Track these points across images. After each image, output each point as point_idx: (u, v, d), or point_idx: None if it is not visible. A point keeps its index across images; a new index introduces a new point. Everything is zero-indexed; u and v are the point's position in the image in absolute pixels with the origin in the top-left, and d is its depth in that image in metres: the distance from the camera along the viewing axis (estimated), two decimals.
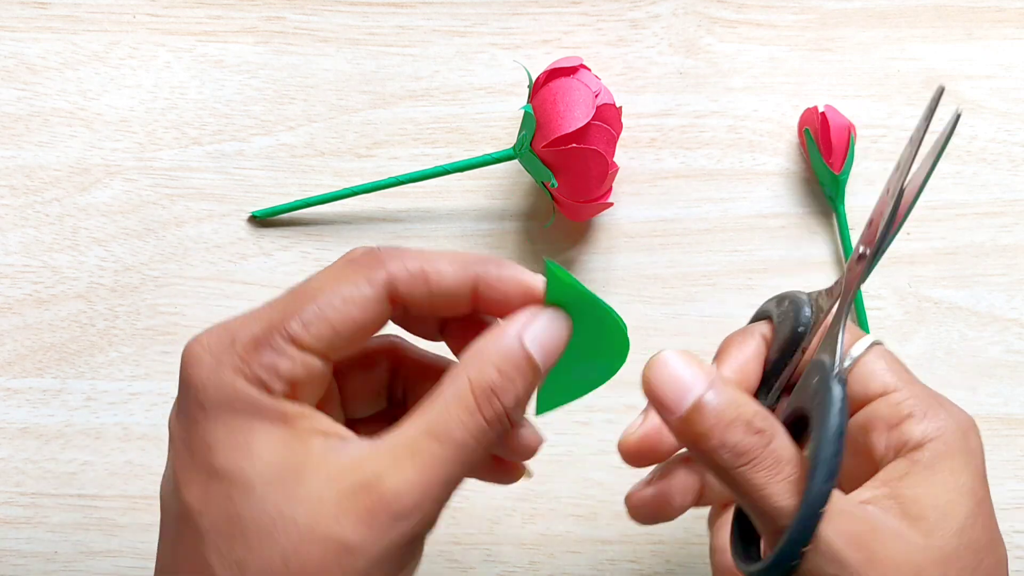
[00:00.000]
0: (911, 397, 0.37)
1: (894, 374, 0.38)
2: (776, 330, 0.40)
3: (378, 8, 0.58)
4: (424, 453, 0.32)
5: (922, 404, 0.36)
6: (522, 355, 0.33)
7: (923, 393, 0.37)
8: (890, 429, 0.37)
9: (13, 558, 0.54)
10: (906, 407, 0.36)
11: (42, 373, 0.55)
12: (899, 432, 0.36)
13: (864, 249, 0.37)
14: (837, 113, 0.54)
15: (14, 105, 0.57)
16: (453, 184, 0.57)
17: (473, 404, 0.33)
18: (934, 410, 0.37)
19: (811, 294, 0.40)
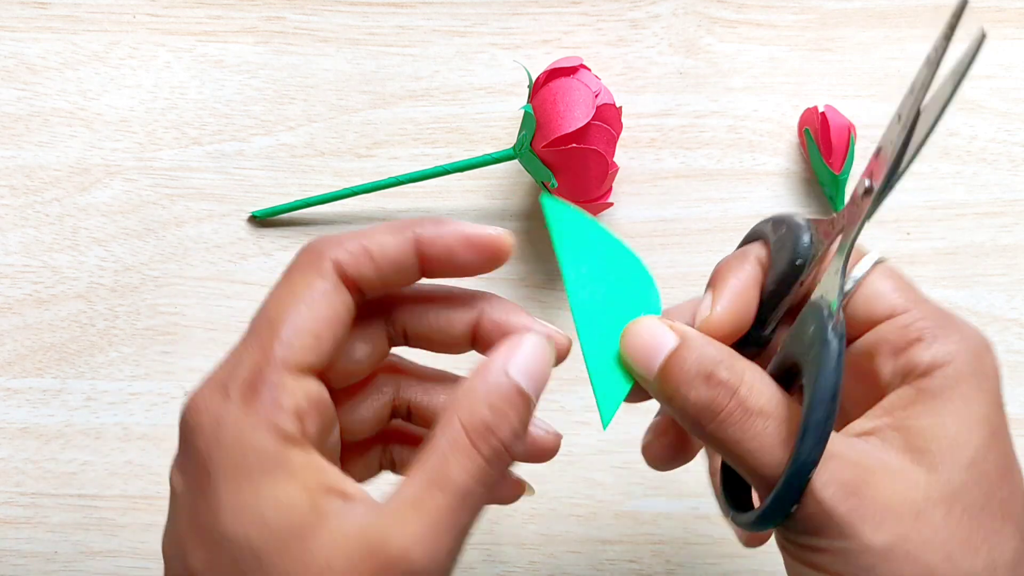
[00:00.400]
0: (920, 319, 0.34)
1: (901, 294, 0.35)
2: (773, 258, 0.37)
3: (378, 8, 0.58)
4: (428, 505, 0.31)
5: (932, 326, 0.34)
6: (511, 387, 0.32)
7: (934, 314, 0.34)
8: (897, 354, 0.34)
9: (13, 558, 0.54)
10: (914, 330, 0.34)
11: (42, 373, 0.55)
12: (907, 357, 0.34)
13: (870, 183, 0.34)
14: (837, 113, 0.54)
15: (14, 105, 0.57)
16: (453, 184, 0.57)
17: (469, 446, 0.32)
18: (945, 332, 0.34)
19: (809, 220, 0.36)
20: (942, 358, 0.33)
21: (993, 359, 0.34)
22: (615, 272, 0.37)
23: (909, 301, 0.35)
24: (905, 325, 0.34)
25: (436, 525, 0.31)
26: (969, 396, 0.33)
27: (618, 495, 0.54)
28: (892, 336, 0.34)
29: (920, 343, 0.34)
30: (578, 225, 0.37)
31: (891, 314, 0.34)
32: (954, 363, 0.33)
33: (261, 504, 0.30)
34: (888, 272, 0.36)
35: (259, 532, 0.30)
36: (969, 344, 0.34)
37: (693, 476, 0.55)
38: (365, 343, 0.36)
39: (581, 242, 0.37)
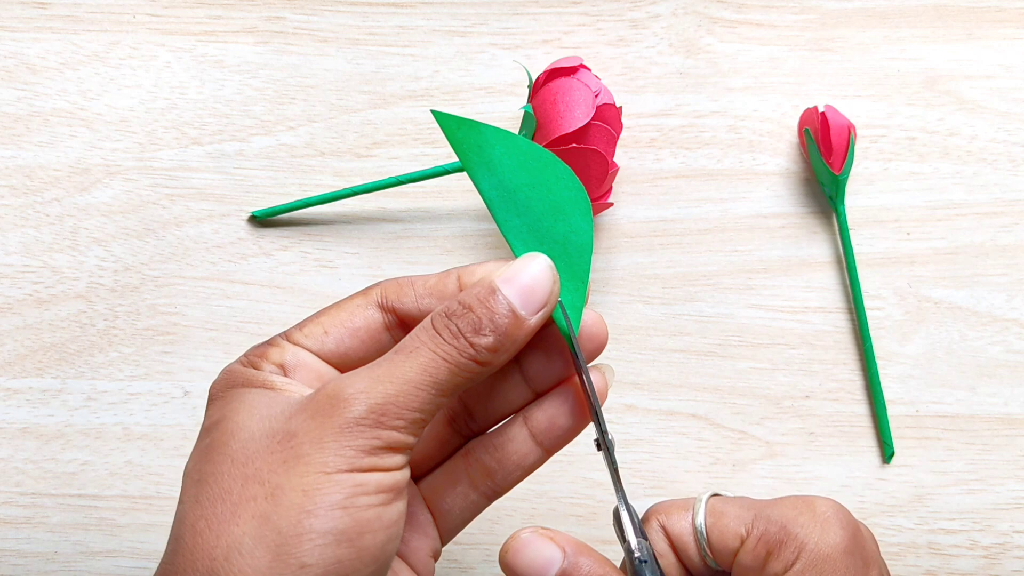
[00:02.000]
0: (764, 533, 0.37)
1: (741, 515, 0.38)
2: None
3: (378, 8, 0.58)
4: (382, 362, 0.35)
5: (777, 537, 0.37)
6: (485, 287, 0.36)
7: (779, 518, 0.38)
8: (758, 574, 0.37)
9: (13, 558, 0.54)
10: (762, 546, 0.37)
11: (42, 373, 0.55)
12: (766, 573, 0.37)
13: (597, 438, 0.39)
14: (837, 113, 0.54)
15: (14, 105, 0.57)
16: (453, 184, 0.57)
17: (430, 326, 0.36)
18: (789, 535, 0.37)
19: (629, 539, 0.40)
20: (789, 560, 0.37)
21: (840, 536, 0.37)
22: (538, 179, 0.38)
23: (751, 519, 0.38)
24: (753, 547, 0.37)
25: (379, 372, 0.35)
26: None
27: None
28: (750, 560, 0.38)
29: (771, 555, 0.37)
30: (479, 135, 0.37)
31: (742, 539, 0.38)
32: (798, 561, 0.37)
33: (239, 399, 0.36)
34: (724, 502, 0.39)
35: (232, 412, 0.35)
36: (814, 534, 0.37)
37: (693, 476, 0.55)
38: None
39: (488, 151, 0.37)
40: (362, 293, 0.39)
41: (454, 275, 0.38)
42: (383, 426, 0.34)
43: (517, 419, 0.40)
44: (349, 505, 0.33)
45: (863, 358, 0.55)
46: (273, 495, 0.33)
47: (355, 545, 0.33)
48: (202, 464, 0.35)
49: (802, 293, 0.56)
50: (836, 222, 0.56)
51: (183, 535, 0.34)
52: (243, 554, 0.32)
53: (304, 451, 0.33)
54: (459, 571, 0.54)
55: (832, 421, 0.55)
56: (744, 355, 0.55)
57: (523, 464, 0.40)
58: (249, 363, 0.37)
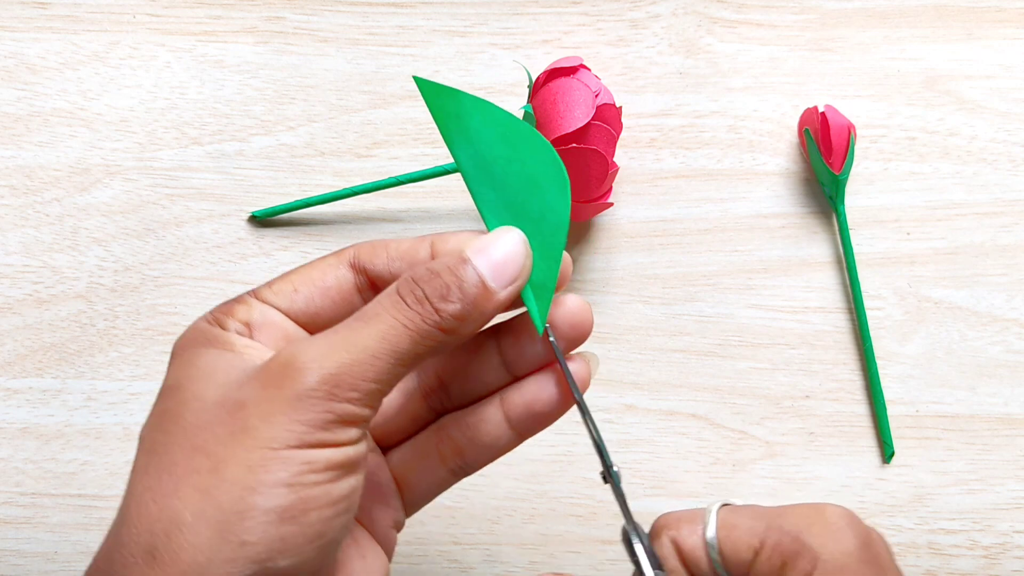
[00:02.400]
0: (778, 543, 0.37)
1: (754, 525, 0.37)
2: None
3: (378, 8, 0.58)
4: (340, 328, 0.34)
5: (791, 547, 0.37)
6: (455, 256, 0.35)
7: (791, 527, 0.37)
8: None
9: (13, 558, 0.54)
10: (777, 557, 0.37)
11: (42, 373, 0.55)
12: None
13: (602, 471, 0.39)
14: (837, 113, 0.54)
15: (14, 105, 0.57)
16: (453, 184, 0.57)
17: (394, 292, 0.35)
18: (804, 546, 0.37)
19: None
20: (806, 571, 0.36)
21: (854, 545, 0.37)
22: (515, 152, 0.37)
23: (763, 529, 0.37)
24: (768, 558, 0.37)
25: (335, 340, 0.33)
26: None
27: None
28: (765, 571, 0.37)
29: (786, 566, 0.36)
30: (458, 103, 0.37)
31: (755, 551, 0.37)
32: (816, 571, 0.36)
33: (198, 359, 0.35)
34: (734, 512, 0.38)
35: (188, 374, 0.35)
36: (829, 543, 0.36)
37: (693, 476, 0.55)
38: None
39: (467, 120, 0.37)
40: (335, 253, 0.38)
41: (428, 241, 0.37)
42: (336, 398, 0.33)
43: (493, 400, 0.39)
44: (295, 482, 0.32)
45: (863, 358, 0.55)
46: (217, 469, 0.32)
47: (299, 522, 0.32)
48: (155, 432, 0.34)
49: (802, 293, 0.56)
50: (836, 222, 0.56)
51: (129, 505, 0.33)
52: (183, 530, 0.32)
53: (252, 424, 0.32)
54: (459, 571, 0.54)
55: (832, 421, 0.55)
56: (744, 355, 0.55)
57: (495, 445, 0.39)
58: (215, 320, 0.36)
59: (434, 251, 0.37)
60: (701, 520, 0.38)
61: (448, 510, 0.54)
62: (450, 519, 0.54)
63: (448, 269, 0.35)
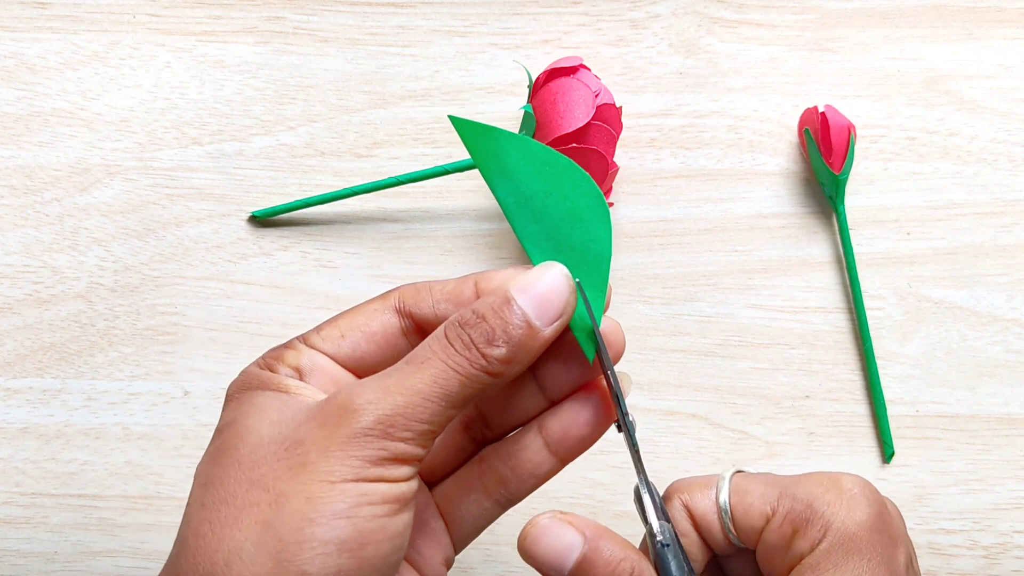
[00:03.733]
0: (790, 511, 0.37)
1: (766, 493, 0.38)
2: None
3: (378, 8, 0.58)
4: (393, 372, 0.35)
5: (802, 515, 0.37)
6: (500, 297, 0.35)
7: (804, 496, 0.37)
8: (785, 551, 0.37)
9: (13, 558, 0.54)
10: (788, 525, 0.37)
11: (42, 373, 0.55)
12: (792, 551, 0.37)
13: (618, 424, 0.39)
14: (837, 113, 0.54)
15: (14, 105, 0.57)
16: (453, 184, 0.57)
17: (443, 335, 0.35)
18: (816, 514, 0.37)
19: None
20: (816, 537, 0.36)
21: (867, 514, 0.37)
22: (554, 186, 0.37)
23: (776, 496, 0.38)
24: (779, 526, 0.37)
25: (389, 384, 0.34)
26: (840, 563, 0.36)
27: (618, 495, 0.54)
28: (775, 538, 0.37)
29: (797, 533, 0.37)
30: (495, 140, 0.37)
31: (767, 518, 0.37)
32: (825, 539, 0.36)
33: (252, 400, 0.36)
34: (747, 479, 0.39)
35: (244, 413, 0.35)
36: (841, 512, 0.37)
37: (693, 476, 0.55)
38: None
39: (504, 157, 0.37)
40: (380, 297, 0.38)
41: (472, 281, 0.38)
42: (391, 437, 0.33)
43: (532, 427, 0.39)
44: (353, 515, 0.33)
45: (863, 358, 0.55)
46: (277, 502, 0.33)
47: (357, 556, 0.33)
48: (210, 467, 0.35)
49: (802, 293, 0.56)
50: (836, 222, 0.56)
51: (187, 537, 0.34)
52: (244, 559, 0.32)
53: (310, 459, 0.33)
54: (459, 571, 0.54)
55: (832, 421, 0.55)
56: (744, 355, 0.55)
57: (537, 473, 0.40)
58: (266, 365, 0.37)
59: (478, 291, 0.37)
60: (714, 485, 0.39)
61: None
62: None
63: (493, 312, 0.35)
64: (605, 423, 0.39)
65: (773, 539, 0.37)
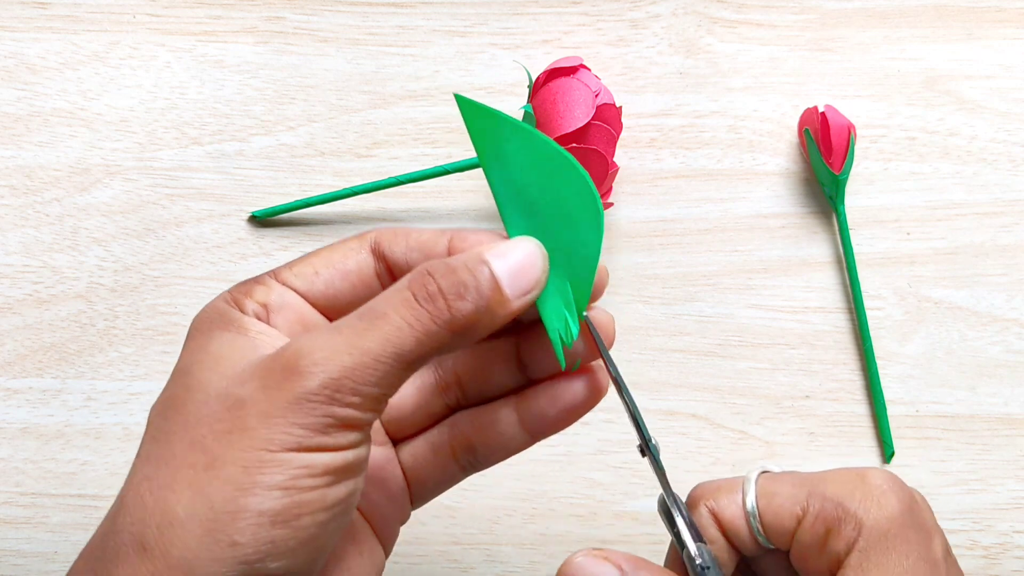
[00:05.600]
0: (821, 511, 0.36)
1: (795, 493, 0.37)
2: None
3: (378, 8, 0.58)
4: (344, 328, 0.33)
5: (834, 514, 0.36)
6: (474, 256, 0.34)
7: (834, 494, 0.37)
8: (821, 552, 0.37)
9: (13, 558, 0.54)
10: (821, 524, 0.36)
11: (42, 373, 0.55)
12: (828, 552, 0.36)
13: (640, 444, 0.38)
14: (837, 113, 0.54)
15: (14, 105, 0.57)
16: (453, 184, 0.57)
17: (404, 284, 0.34)
18: (847, 512, 0.36)
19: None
20: (851, 537, 0.36)
21: (898, 509, 0.36)
22: (550, 181, 0.36)
23: (805, 496, 0.37)
24: (811, 525, 0.36)
25: (339, 340, 0.33)
26: (882, 561, 0.35)
27: (618, 495, 0.54)
28: (809, 539, 0.37)
29: (831, 533, 0.36)
30: (496, 125, 0.36)
31: (798, 519, 0.37)
32: (861, 537, 0.36)
33: (210, 343, 0.35)
34: (773, 480, 0.38)
35: (198, 359, 0.34)
36: (872, 509, 0.36)
37: (693, 476, 0.55)
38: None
39: (503, 144, 0.36)
40: (357, 237, 0.37)
41: (447, 236, 0.37)
42: (337, 403, 0.32)
43: (509, 402, 0.39)
44: (290, 486, 0.32)
45: (863, 358, 0.55)
46: (212, 466, 0.32)
47: (291, 526, 0.32)
48: (160, 418, 0.34)
49: (802, 293, 0.56)
50: (836, 222, 0.56)
51: (127, 492, 0.33)
52: (175, 525, 0.32)
53: (250, 424, 0.32)
54: (459, 571, 0.54)
55: (832, 421, 0.55)
56: (744, 355, 0.55)
57: (507, 446, 0.39)
58: (233, 300, 0.36)
59: (451, 247, 0.36)
60: (740, 489, 0.38)
61: (448, 510, 0.54)
62: (450, 519, 0.54)
63: (465, 267, 0.34)
64: (583, 408, 0.39)
65: (807, 539, 0.37)
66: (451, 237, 0.37)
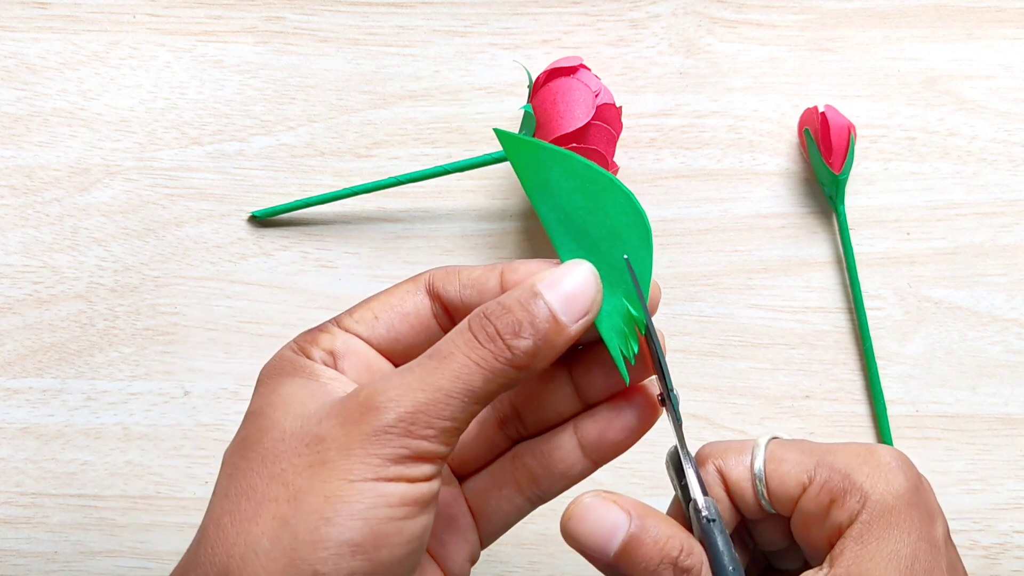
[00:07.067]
0: (827, 480, 0.37)
1: (802, 461, 0.37)
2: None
3: (378, 8, 0.58)
4: (415, 367, 0.34)
5: (840, 484, 0.36)
6: (526, 290, 0.35)
7: (842, 464, 0.37)
8: (823, 520, 0.37)
9: (13, 558, 0.54)
10: (825, 494, 0.36)
11: (42, 373, 0.55)
12: (830, 520, 0.37)
13: (660, 393, 0.39)
14: (837, 113, 0.54)
15: (14, 105, 0.57)
16: (453, 184, 0.57)
17: (467, 329, 0.35)
18: (853, 483, 0.36)
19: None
20: (855, 508, 0.36)
21: (904, 487, 0.36)
22: (595, 203, 0.37)
23: (812, 465, 0.37)
24: (816, 494, 0.37)
25: (410, 379, 0.34)
26: (883, 535, 0.36)
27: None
28: (812, 507, 0.37)
29: (834, 503, 0.36)
30: (537, 155, 0.37)
31: (803, 487, 0.37)
32: (865, 509, 0.36)
33: (281, 387, 0.36)
34: (782, 446, 0.38)
35: (270, 402, 0.35)
36: (879, 484, 0.36)
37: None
38: None
39: (546, 172, 0.37)
40: (412, 279, 0.38)
41: (498, 270, 0.37)
42: (412, 435, 0.33)
43: (567, 428, 0.39)
44: (370, 516, 0.32)
45: (863, 358, 0.55)
46: (295, 498, 0.33)
47: (371, 558, 0.33)
48: (236, 457, 0.35)
49: (802, 293, 0.56)
50: (836, 222, 0.56)
51: (208, 527, 0.34)
52: (259, 555, 0.32)
53: (330, 456, 0.33)
54: None
55: (832, 421, 0.55)
56: (744, 355, 0.55)
57: (570, 473, 0.39)
58: (299, 349, 0.37)
59: (503, 280, 0.37)
60: (749, 451, 0.38)
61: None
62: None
63: (519, 304, 0.35)
64: (641, 429, 0.39)
65: (810, 507, 0.37)
66: (502, 271, 0.37)
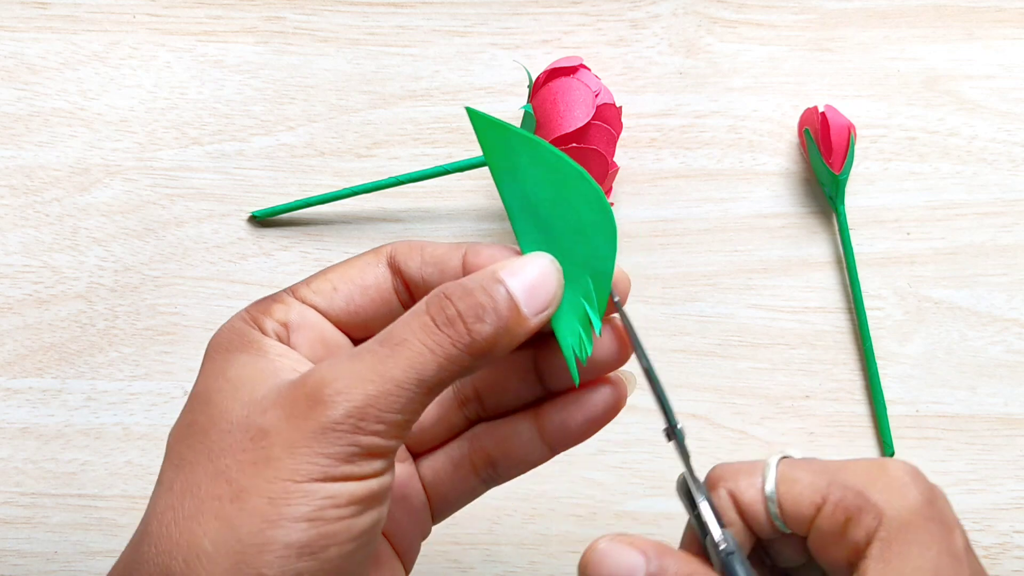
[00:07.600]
0: (841, 499, 0.36)
1: (815, 481, 0.37)
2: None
3: (378, 8, 0.58)
4: (366, 354, 0.33)
5: (854, 502, 0.36)
6: (489, 275, 0.34)
7: (855, 481, 0.36)
8: (840, 540, 0.36)
9: (13, 558, 0.54)
10: (840, 512, 0.36)
11: (42, 373, 0.55)
12: (847, 540, 0.36)
13: (666, 427, 0.38)
14: (837, 113, 0.54)
15: (14, 105, 0.57)
16: (453, 184, 0.57)
17: (423, 311, 0.33)
18: (867, 501, 0.36)
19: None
20: (871, 526, 0.35)
21: (919, 501, 0.36)
22: (562, 195, 0.36)
23: (825, 484, 0.37)
24: (831, 513, 0.36)
25: (360, 367, 0.33)
26: (903, 552, 0.35)
27: (618, 495, 0.54)
28: (828, 526, 0.36)
29: (851, 522, 0.36)
30: (507, 139, 0.36)
31: (817, 507, 0.36)
32: (882, 527, 0.35)
33: (229, 366, 0.34)
34: (793, 466, 0.38)
35: (216, 383, 0.34)
36: (893, 500, 0.36)
37: None
38: None
39: (515, 158, 0.36)
40: (373, 251, 0.37)
41: (461, 251, 0.36)
42: (362, 431, 0.32)
43: (528, 415, 0.39)
44: (316, 517, 0.32)
45: (863, 358, 0.55)
46: (239, 497, 0.32)
47: (317, 558, 0.32)
48: (182, 447, 0.34)
49: (802, 293, 0.56)
50: (836, 222, 0.56)
51: (151, 521, 0.33)
52: (202, 559, 0.32)
53: (275, 454, 0.32)
54: (459, 571, 0.54)
55: (832, 421, 0.55)
56: (744, 355, 0.55)
57: (527, 459, 0.39)
58: (252, 319, 0.36)
59: (466, 261, 0.36)
60: (760, 473, 0.38)
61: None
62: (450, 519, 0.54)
63: (482, 288, 0.34)
64: (604, 419, 0.39)
65: (826, 527, 0.36)
66: (465, 252, 0.36)
